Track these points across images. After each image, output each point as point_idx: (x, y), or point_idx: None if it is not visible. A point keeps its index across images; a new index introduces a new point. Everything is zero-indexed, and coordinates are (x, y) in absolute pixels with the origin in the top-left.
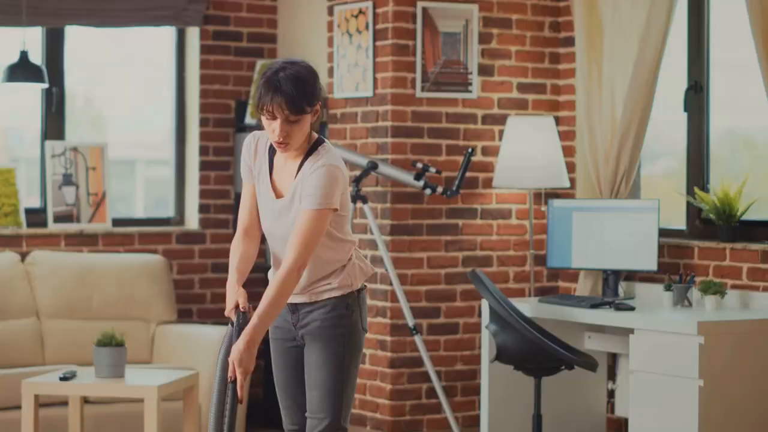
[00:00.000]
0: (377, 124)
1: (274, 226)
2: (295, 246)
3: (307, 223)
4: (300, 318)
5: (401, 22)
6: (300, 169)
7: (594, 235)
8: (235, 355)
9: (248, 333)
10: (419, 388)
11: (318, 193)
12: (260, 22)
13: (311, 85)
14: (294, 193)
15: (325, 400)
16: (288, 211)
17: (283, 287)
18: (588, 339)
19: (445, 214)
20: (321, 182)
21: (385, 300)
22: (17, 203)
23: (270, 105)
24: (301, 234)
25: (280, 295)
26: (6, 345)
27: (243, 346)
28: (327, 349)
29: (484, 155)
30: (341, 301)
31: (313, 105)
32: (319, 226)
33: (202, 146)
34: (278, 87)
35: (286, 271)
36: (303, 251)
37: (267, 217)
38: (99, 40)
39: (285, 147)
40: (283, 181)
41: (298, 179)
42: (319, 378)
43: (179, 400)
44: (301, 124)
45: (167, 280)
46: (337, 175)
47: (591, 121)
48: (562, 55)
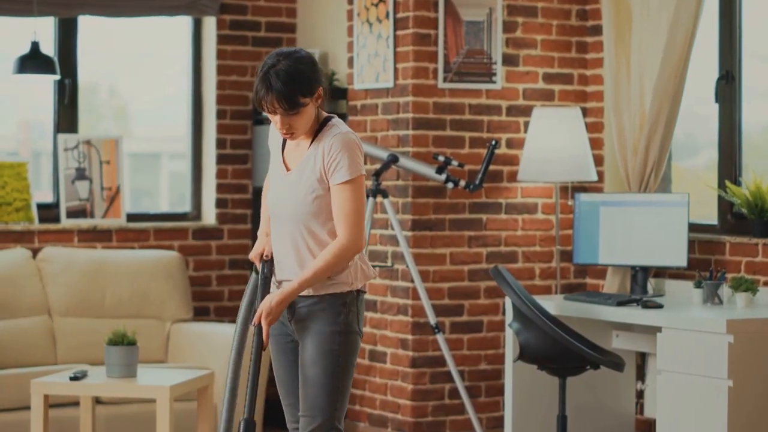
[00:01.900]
0: (398, 115)
1: (281, 201)
2: (342, 224)
3: (346, 196)
4: (296, 312)
5: (422, 11)
6: (311, 146)
7: (622, 230)
8: (266, 305)
9: (284, 292)
10: (442, 388)
11: (344, 163)
12: (279, 11)
13: (306, 76)
14: (305, 166)
15: (319, 398)
16: (297, 184)
17: (332, 260)
18: (616, 338)
19: (468, 209)
20: (341, 153)
21: (406, 297)
22: (29, 198)
23: (265, 102)
24: (343, 210)
25: (327, 267)
26: (17, 344)
27: (275, 302)
28: (321, 346)
29: (509, 148)
30: (338, 299)
31: (311, 95)
32: (359, 195)
33: (219, 139)
34: (270, 85)
35: (342, 245)
36: (353, 226)
37: (274, 193)
38: (115, 31)
39: (292, 136)
40: (295, 156)
41: (308, 153)
42: (312, 375)
43: (193, 401)
44: (302, 114)
45: (183, 277)
46: (353, 140)
47: (619, 112)
48: (589, 44)
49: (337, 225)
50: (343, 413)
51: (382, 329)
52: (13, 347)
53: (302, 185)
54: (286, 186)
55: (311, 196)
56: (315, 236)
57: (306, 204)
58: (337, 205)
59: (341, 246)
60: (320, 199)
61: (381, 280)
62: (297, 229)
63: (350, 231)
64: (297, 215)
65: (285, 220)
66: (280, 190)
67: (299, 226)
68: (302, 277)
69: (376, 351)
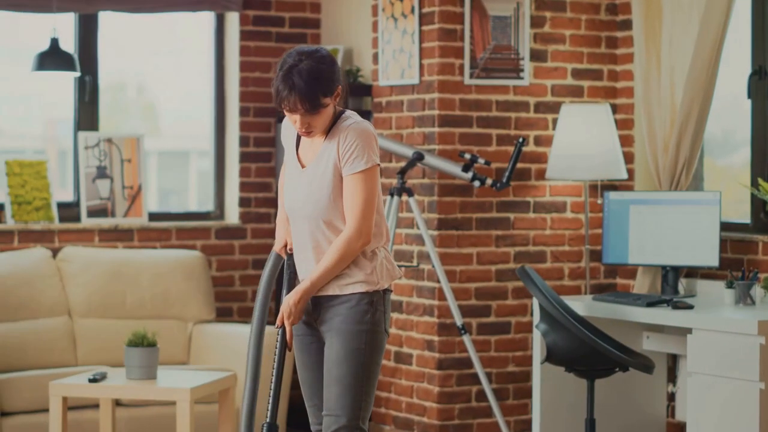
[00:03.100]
0: (424, 112)
1: (298, 198)
2: (352, 213)
3: (357, 187)
4: (321, 312)
5: (448, 6)
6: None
7: (652, 229)
8: (285, 307)
9: (299, 291)
10: (468, 390)
11: (357, 153)
12: (303, 6)
13: (327, 76)
14: (321, 159)
15: (344, 398)
16: (313, 180)
17: (342, 253)
18: (646, 339)
19: (495, 208)
20: (356, 142)
21: (432, 298)
22: (49, 197)
23: (287, 102)
24: (354, 200)
25: (338, 261)
26: (37, 345)
27: (293, 302)
28: (348, 344)
29: (537, 145)
30: (365, 297)
31: (331, 94)
32: (372, 186)
33: (242, 137)
34: (293, 84)
35: (347, 238)
36: (362, 217)
37: (291, 190)
38: (136, 27)
39: (310, 134)
40: (310, 152)
41: (323, 147)
42: (338, 374)
43: (215, 403)
44: (322, 114)
45: (205, 277)
46: (368, 130)
47: (649, 108)
48: (619, 39)
49: (347, 214)
50: (368, 414)
51: (408, 330)
52: (32, 348)
53: (318, 180)
54: (303, 182)
55: (328, 189)
56: (335, 230)
57: (323, 198)
58: (348, 196)
59: (347, 238)
60: (337, 191)
61: (406, 280)
62: (316, 225)
63: (357, 222)
64: (315, 210)
65: (303, 216)
66: (297, 187)
67: (318, 222)
68: (313, 276)
69: (401, 352)
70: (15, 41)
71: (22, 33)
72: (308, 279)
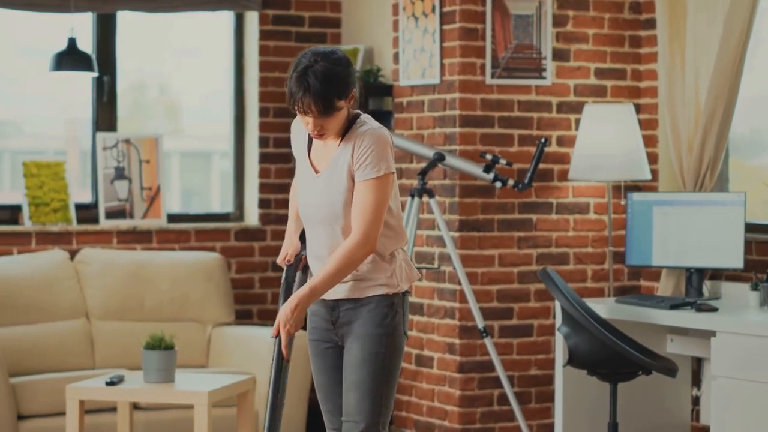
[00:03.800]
0: (445, 113)
1: (312, 204)
2: (359, 220)
3: (368, 194)
4: (340, 316)
5: (469, 5)
6: (340, 144)
7: (676, 230)
8: (281, 315)
9: (297, 298)
10: (490, 394)
11: (372, 160)
12: (323, 5)
13: (342, 78)
14: (335, 165)
15: (363, 402)
16: (328, 186)
17: (345, 261)
18: (670, 342)
19: (517, 209)
20: (371, 148)
21: (453, 300)
22: (67, 198)
23: (300, 104)
24: (363, 206)
25: (341, 269)
26: (54, 348)
27: (289, 310)
28: (367, 348)
29: (560, 146)
30: (385, 300)
31: (346, 97)
32: (382, 194)
33: (261, 137)
34: (308, 87)
35: (352, 246)
36: (369, 225)
37: (305, 196)
38: (154, 27)
39: (322, 137)
40: (323, 157)
41: (338, 152)
42: (357, 378)
43: (233, 406)
44: (335, 116)
45: (225, 280)
46: (384, 136)
47: (673, 108)
48: (643, 38)
49: (354, 220)
50: (388, 418)
51: (429, 333)
52: (50, 351)
53: (334, 185)
54: (317, 188)
55: (344, 196)
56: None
57: (339, 204)
58: (357, 202)
59: (352, 245)
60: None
61: (427, 282)
62: (332, 231)
63: (364, 230)
64: (331, 216)
65: (319, 222)
66: (311, 192)
67: (334, 227)
68: (314, 282)
69: (422, 355)
70: (35, 41)
71: (41, 33)
72: (307, 285)
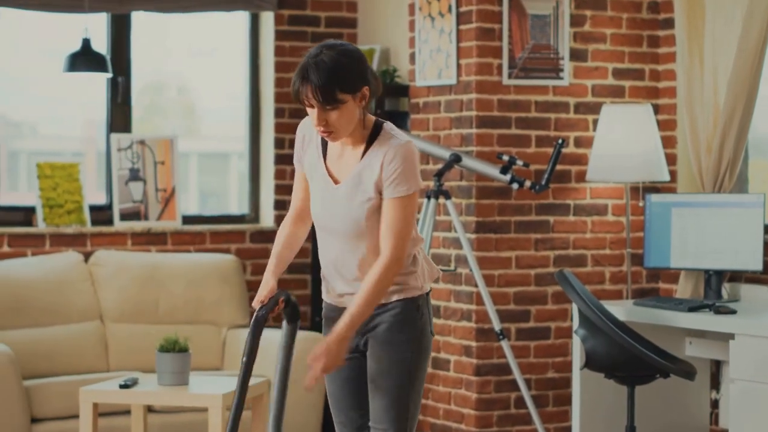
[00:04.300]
0: (461, 113)
1: (332, 215)
2: (389, 239)
3: (398, 212)
4: (364, 322)
5: (486, 5)
6: (365, 155)
7: (695, 232)
8: (323, 348)
9: (339, 332)
10: (507, 397)
11: (403, 177)
12: (339, 5)
13: (347, 70)
14: (360, 177)
15: (392, 410)
16: (351, 198)
17: (380, 285)
18: (689, 345)
19: (534, 210)
20: (403, 166)
21: (470, 303)
22: (81, 200)
23: (301, 93)
24: (393, 224)
25: (377, 293)
26: (68, 350)
27: (334, 343)
28: (395, 354)
29: (577, 147)
30: (411, 303)
31: (351, 91)
32: (411, 212)
33: (277, 138)
34: (307, 75)
35: (384, 267)
36: (399, 242)
37: (323, 207)
38: (169, 27)
39: (330, 135)
40: (341, 167)
41: (363, 164)
42: (384, 385)
43: (247, 409)
44: (341, 112)
45: (240, 282)
46: (414, 151)
47: (692, 108)
48: (661, 38)
49: (383, 239)
50: (415, 422)
51: (446, 336)
52: (64, 354)
53: (358, 197)
54: (338, 200)
55: (368, 208)
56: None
57: (363, 217)
58: (387, 220)
59: (385, 267)
60: (377, 208)
61: (444, 284)
62: (354, 244)
63: (395, 249)
64: (354, 229)
65: (339, 234)
66: (331, 204)
67: (359, 243)
68: (352, 310)
69: (439, 358)
70: (52, 42)
71: (58, 33)
72: (347, 317)
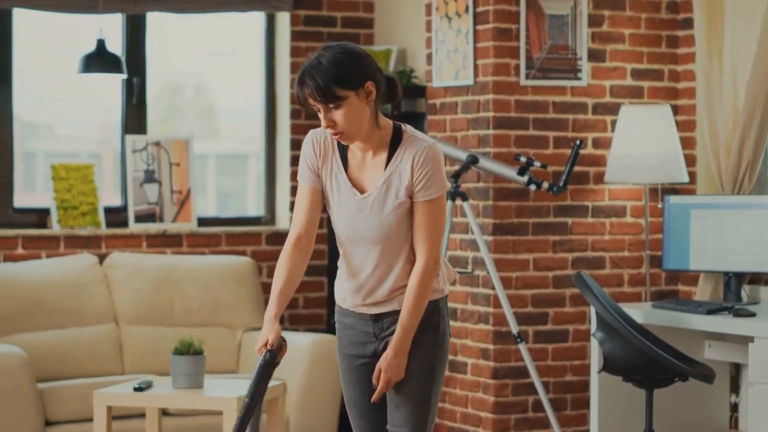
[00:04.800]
0: (478, 114)
1: (361, 227)
2: (424, 242)
3: (431, 214)
4: (384, 327)
5: (503, 5)
6: (390, 160)
7: (714, 234)
8: (384, 364)
9: (395, 346)
10: (525, 400)
11: (433, 180)
12: (355, 5)
13: (344, 67)
14: (390, 183)
15: (412, 415)
16: (381, 205)
17: (423, 289)
18: (708, 348)
19: (552, 212)
20: (431, 168)
21: (487, 305)
22: (96, 202)
23: (301, 95)
24: (428, 227)
25: (422, 298)
26: (83, 353)
27: (392, 359)
28: (416, 358)
29: (595, 148)
30: (432, 306)
31: (351, 87)
32: (443, 212)
33: (293, 140)
34: (304, 78)
35: (423, 271)
36: (434, 245)
37: (349, 218)
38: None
39: (341, 137)
40: (365, 175)
41: (391, 168)
42: (406, 389)
43: (263, 413)
44: (346, 110)
45: (255, 284)
46: (440, 153)
47: (711, 109)
48: (680, 38)
49: (418, 243)
50: (433, 424)
51: (463, 338)
52: (78, 357)
53: (389, 203)
54: (366, 209)
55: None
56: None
57: (393, 223)
58: (421, 223)
59: (424, 272)
60: (406, 212)
61: (461, 287)
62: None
63: (430, 253)
64: (382, 235)
65: (367, 243)
66: (358, 215)
67: (386, 247)
68: (404, 324)
69: (456, 361)
70: (69, 43)
71: (74, 34)
72: (400, 329)
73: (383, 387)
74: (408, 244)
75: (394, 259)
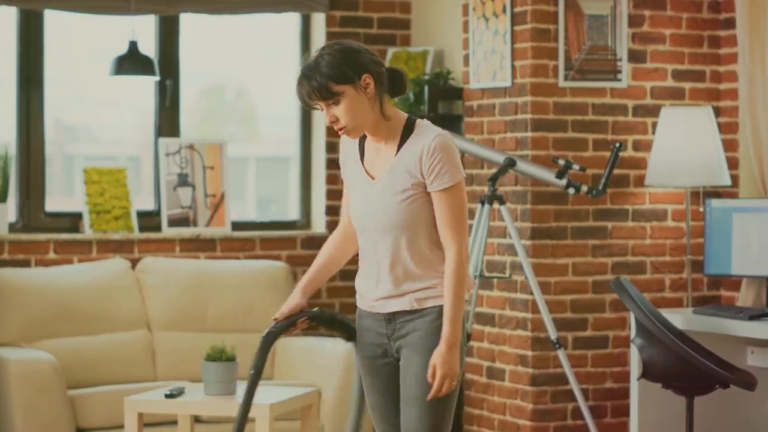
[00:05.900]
0: (516, 116)
1: (372, 212)
2: (448, 231)
3: (450, 202)
4: (397, 328)
5: (542, 5)
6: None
7: (757, 238)
8: (438, 359)
9: (446, 338)
10: (564, 408)
11: (446, 168)
12: (392, 6)
13: (337, 62)
14: (397, 169)
15: (425, 420)
16: (389, 190)
17: (459, 278)
18: (750, 354)
19: (592, 216)
20: (442, 156)
21: (525, 311)
22: (128, 206)
23: (301, 96)
24: (448, 216)
25: (460, 286)
26: (114, 359)
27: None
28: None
29: (635, 150)
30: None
31: (347, 81)
32: (462, 199)
33: (329, 143)
34: (299, 76)
35: (456, 260)
36: (459, 232)
37: (363, 205)
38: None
39: (345, 131)
40: (378, 164)
41: (400, 156)
42: (419, 393)
43: (297, 420)
44: (346, 104)
45: (290, 289)
46: (452, 142)
47: (754, 111)
48: (722, 38)
49: (443, 233)
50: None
51: (501, 344)
52: (110, 362)
53: (395, 189)
54: (375, 195)
55: (405, 200)
56: (413, 246)
57: (401, 210)
58: (441, 213)
59: (456, 263)
60: (416, 203)
61: (499, 292)
62: (393, 239)
63: (457, 243)
64: (391, 224)
65: (376, 230)
66: (368, 201)
67: (394, 236)
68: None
69: (494, 368)
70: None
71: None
72: (447, 322)
73: (440, 384)
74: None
75: (406, 251)
